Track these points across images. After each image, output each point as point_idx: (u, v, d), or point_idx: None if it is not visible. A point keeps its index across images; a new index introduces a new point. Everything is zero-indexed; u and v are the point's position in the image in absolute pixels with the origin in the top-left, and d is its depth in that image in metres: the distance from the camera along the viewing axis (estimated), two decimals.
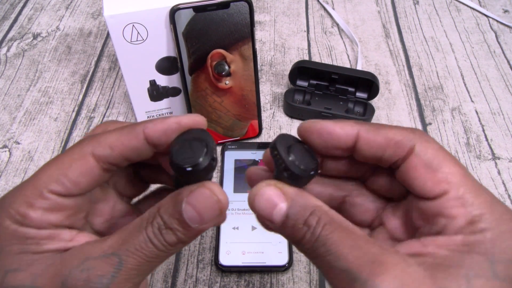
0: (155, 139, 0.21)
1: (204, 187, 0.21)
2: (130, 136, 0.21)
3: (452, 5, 0.72)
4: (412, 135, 0.22)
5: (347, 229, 0.20)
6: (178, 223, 0.20)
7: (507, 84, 0.60)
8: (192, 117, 0.22)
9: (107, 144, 0.21)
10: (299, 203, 0.21)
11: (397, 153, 0.21)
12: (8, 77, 0.60)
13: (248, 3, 0.43)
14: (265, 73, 0.61)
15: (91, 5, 0.72)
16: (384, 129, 0.22)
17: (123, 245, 0.20)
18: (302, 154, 0.22)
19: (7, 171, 0.50)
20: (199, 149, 0.20)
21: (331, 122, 0.22)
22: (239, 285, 0.41)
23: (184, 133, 0.22)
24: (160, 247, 0.20)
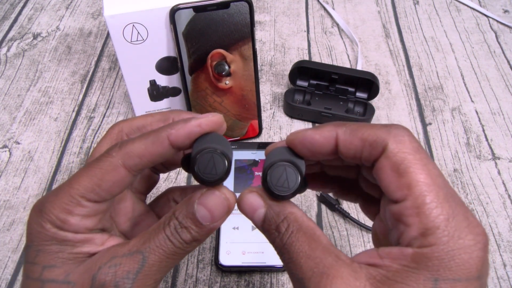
0: (179, 143, 0.23)
1: (213, 188, 0.23)
2: (157, 145, 0.23)
3: (452, 5, 0.72)
4: (386, 135, 0.21)
5: (310, 237, 0.22)
6: (192, 222, 0.23)
7: (507, 84, 0.60)
8: (211, 119, 0.24)
9: (136, 154, 0.23)
10: (274, 210, 0.23)
11: (372, 154, 0.22)
12: (8, 77, 0.60)
13: (248, 3, 0.43)
14: (265, 73, 0.61)
15: (91, 5, 0.72)
16: (361, 129, 0.22)
17: (146, 243, 0.22)
18: (283, 174, 0.23)
19: (7, 171, 0.50)
20: (221, 164, 0.23)
21: (312, 130, 0.23)
22: (239, 285, 0.41)
23: (204, 137, 0.23)
24: (177, 244, 0.23)
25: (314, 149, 0.23)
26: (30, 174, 0.50)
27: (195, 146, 0.23)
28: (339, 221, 0.46)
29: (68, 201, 0.22)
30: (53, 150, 0.52)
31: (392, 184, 0.21)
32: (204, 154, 0.23)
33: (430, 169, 0.21)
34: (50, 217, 0.22)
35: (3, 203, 0.47)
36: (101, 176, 0.22)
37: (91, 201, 0.22)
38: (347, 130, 0.23)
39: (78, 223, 0.22)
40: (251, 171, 0.48)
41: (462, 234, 0.19)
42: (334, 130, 0.23)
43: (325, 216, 0.46)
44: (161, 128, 0.23)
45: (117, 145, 0.23)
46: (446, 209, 0.20)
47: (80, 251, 0.23)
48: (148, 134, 0.23)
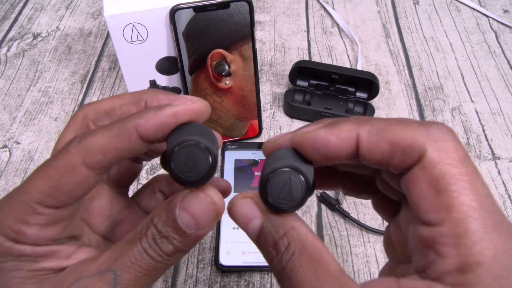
0: (149, 136, 0.19)
1: (197, 190, 0.19)
2: (122, 138, 0.19)
3: (452, 5, 0.72)
4: (425, 138, 0.17)
5: (317, 263, 0.18)
6: (174, 231, 0.19)
7: (507, 84, 0.60)
8: (189, 107, 0.20)
9: (97, 150, 0.19)
10: (272, 222, 0.19)
11: (405, 162, 0.18)
12: (8, 77, 0.60)
13: (248, 3, 0.43)
14: (265, 73, 0.61)
15: (91, 5, 0.72)
16: (391, 129, 0.18)
17: (118, 259, 0.19)
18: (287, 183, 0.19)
19: (7, 171, 0.50)
20: (203, 161, 0.19)
21: (325, 130, 0.19)
22: (239, 285, 0.41)
23: (182, 128, 0.20)
24: (156, 258, 0.19)
25: (328, 154, 0.19)
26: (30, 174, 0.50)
27: (171, 139, 0.19)
28: (339, 221, 0.46)
29: (22, 209, 0.18)
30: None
31: (426, 202, 0.17)
32: (182, 149, 0.19)
33: (478, 187, 0.16)
34: (3, 228, 0.18)
35: None
36: (59, 177, 0.19)
37: (49, 207, 0.19)
38: (373, 130, 0.18)
39: (36, 234, 0.19)
40: (251, 171, 0.48)
41: (507, 273, 0.15)
42: (355, 130, 0.18)
43: (325, 216, 0.46)
44: (128, 118, 0.19)
45: (76, 139, 0.19)
46: (494, 241, 0.16)
47: (42, 267, 0.19)
48: (113, 124, 0.19)
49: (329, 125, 0.19)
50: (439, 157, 0.17)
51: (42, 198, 0.19)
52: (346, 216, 0.45)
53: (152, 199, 0.27)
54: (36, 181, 0.19)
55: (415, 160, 0.17)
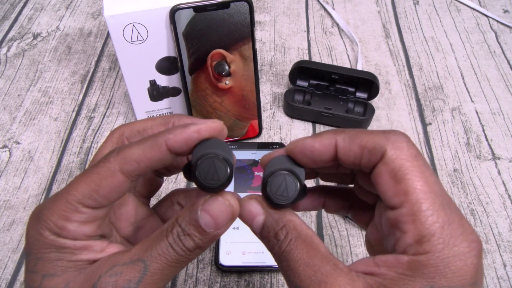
0: (177, 149, 0.23)
1: (217, 195, 0.23)
2: (154, 150, 0.22)
3: (452, 5, 0.72)
4: (385, 141, 0.22)
5: (309, 245, 0.22)
6: (195, 229, 0.22)
7: (507, 84, 0.60)
8: (211, 125, 0.23)
9: (133, 160, 0.22)
10: (273, 217, 0.23)
11: (371, 160, 0.22)
12: (8, 77, 0.60)
13: (248, 3, 0.43)
14: (265, 73, 0.61)
15: (91, 5, 0.72)
16: (360, 136, 0.22)
17: (147, 251, 0.22)
18: (283, 183, 0.23)
19: (7, 171, 0.50)
20: (222, 170, 0.23)
21: (311, 139, 0.24)
22: (239, 285, 0.41)
23: (204, 143, 0.23)
24: (180, 252, 0.22)
25: (314, 157, 0.24)
26: (30, 174, 0.50)
27: (195, 152, 0.23)
28: (339, 221, 0.46)
29: (65, 207, 0.22)
30: (53, 150, 0.52)
31: (389, 190, 0.21)
32: (204, 160, 0.22)
33: (427, 176, 0.21)
34: (48, 224, 0.22)
35: (3, 203, 0.47)
36: (99, 182, 0.22)
37: (88, 207, 0.22)
38: (346, 137, 0.23)
39: (76, 230, 0.22)
40: (251, 171, 0.48)
41: (457, 242, 0.19)
42: (333, 138, 0.23)
43: (325, 216, 0.46)
44: (159, 133, 0.23)
45: (115, 151, 0.23)
46: (441, 216, 0.20)
47: (80, 258, 0.23)
48: (146, 139, 0.23)
49: (314, 135, 0.24)
50: (396, 154, 0.21)
51: (83, 199, 0.22)
52: (346, 216, 0.45)
53: (170, 210, 0.30)
54: (79, 184, 0.22)
55: (378, 158, 0.22)
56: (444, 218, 0.20)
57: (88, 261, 0.23)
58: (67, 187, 0.22)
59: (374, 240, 0.26)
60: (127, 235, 0.28)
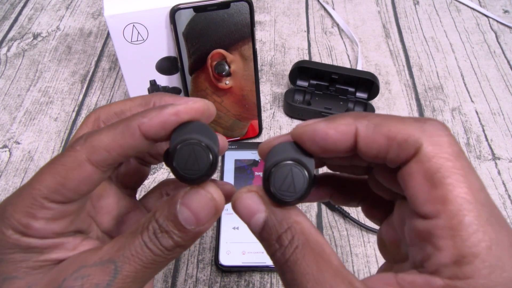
0: (152, 134, 0.20)
1: (198, 187, 0.20)
2: (126, 136, 0.20)
3: (452, 5, 0.72)
4: (420, 133, 0.18)
5: (319, 256, 0.18)
6: (174, 226, 0.20)
7: (507, 84, 0.60)
8: (191, 106, 0.20)
9: (102, 147, 0.20)
10: (277, 216, 0.19)
11: (401, 156, 0.18)
12: (8, 77, 0.60)
13: (248, 3, 0.43)
14: (265, 73, 0.61)
15: (91, 5, 0.72)
16: (388, 124, 0.18)
17: (119, 251, 0.20)
18: (289, 175, 0.19)
19: (7, 171, 0.50)
20: (204, 158, 0.19)
21: (324, 123, 0.19)
22: (239, 285, 0.41)
23: (184, 127, 0.20)
24: (156, 252, 0.20)
25: (327, 146, 0.19)
26: (30, 174, 0.50)
27: (173, 138, 0.20)
28: (339, 221, 0.46)
29: (30, 203, 0.19)
30: (53, 150, 0.52)
31: (422, 195, 0.17)
32: (183, 147, 0.19)
33: (472, 181, 0.17)
34: (12, 222, 0.19)
35: None
36: (65, 174, 0.19)
37: (56, 202, 0.20)
38: (370, 125, 0.19)
39: (43, 228, 0.20)
40: (251, 171, 0.48)
41: (506, 266, 0.16)
42: (353, 124, 0.19)
43: (325, 216, 0.46)
44: (132, 117, 0.20)
45: (83, 137, 0.20)
46: (488, 233, 0.16)
47: (48, 258, 0.20)
48: (117, 123, 0.20)
49: (328, 119, 0.20)
50: (434, 151, 0.17)
51: (49, 194, 0.19)
52: (346, 216, 0.45)
53: (159, 202, 0.28)
54: (44, 177, 0.20)
55: (410, 154, 0.18)
56: (492, 236, 0.16)
57: (58, 260, 0.21)
58: (31, 180, 0.20)
59: (390, 240, 0.22)
60: (109, 230, 0.25)
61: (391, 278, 0.18)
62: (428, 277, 0.17)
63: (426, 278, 0.17)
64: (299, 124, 0.21)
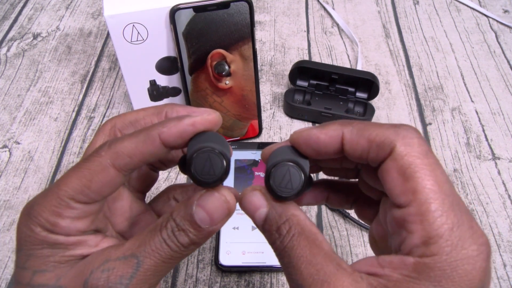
0: (171, 143, 0.22)
1: (213, 190, 0.22)
2: (147, 144, 0.22)
3: (452, 5, 0.72)
4: (394, 136, 0.21)
5: (312, 242, 0.21)
6: (190, 225, 0.22)
7: (507, 84, 0.60)
8: (206, 118, 0.23)
9: (126, 154, 0.22)
10: (277, 210, 0.22)
11: (379, 155, 0.21)
12: (8, 77, 0.60)
13: (248, 3, 0.43)
14: (265, 73, 0.61)
15: (91, 5, 0.72)
16: (369, 129, 0.22)
17: (141, 246, 0.22)
18: (287, 174, 0.23)
19: (7, 171, 0.50)
20: (218, 164, 0.22)
21: (316, 129, 0.23)
22: (239, 285, 0.41)
23: (199, 136, 0.23)
24: (174, 248, 0.22)
25: (319, 149, 0.23)
26: (30, 174, 0.50)
27: (190, 146, 0.22)
28: (339, 221, 0.46)
29: (57, 203, 0.21)
30: (53, 150, 0.52)
31: (397, 187, 0.20)
32: (200, 154, 0.22)
33: (438, 174, 0.20)
34: (40, 220, 0.21)
35: (3, 203, 0.47)
36: (90, 177, 0.21)
37: (80, 202, 0.22)
38: (354, 130, 0.22)
39: (69, 226, 0.22)
40: (251, 171, 0.48)
41: (465, 244, 0.19)
42: (340, 129, 0.22)
43: (325, 216, 0.46)
44: (152, 126, 0.22)
45: (107, 144, 0.22)
46: (451, 217, 0.19)
47: (73, 253, 0.22)
48: (139, 132, 0.22)
49: (320, 126, 0.23)
50: (406, 150, 0.20)
51: (74, 195, 0.21)
52: (346, 216, 0.45)
53: (166, 206, 0.30)
54: (70, 179, 0.22)
55: (387, 154, 0.21)
56: (454, 220, 0.19)
57: (82, 255, 0.23)
58: (58, 182, 0.22)
59: (379, 236, 0.25)
60: (122, 231, 0.27)
61: (373, 260, 0.21)
62: (403, 257, 0.20)
63: (401, 258, 0.20)
64: (296, 130, 0.24)
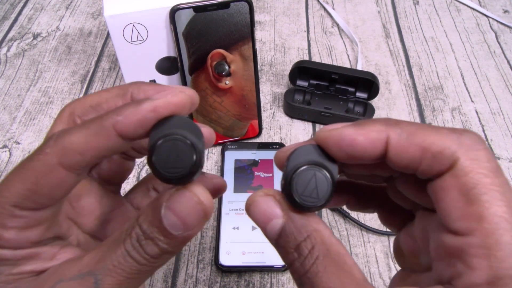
0: (129, 133, 0.18)
1: (184, 188, 0.18)
2: (100, 137, 0.18)
3: (452, 5, 0.72)
4: (456, 146, 0.17)
5: (341, 268, 0.17)
6: (159, 232, 0.18)
7: (507, 84, 0.60)
8: (170, 100, 0.19)
9: (75, 150, 0.18)
10: (296, 223, 0.18)
11: (435, 168, 0.17)
12: (8, 77, 0.60)
13: (248, 3, 0.43)
14: (265, 73, 0.61)
15: (91, 5, 0.72)
16: (422, 134, 0.17)
17: (100, 262, 0.18)
18: (312, 180, 0.18)
19: (7, 171, 0.50)
20: (187, 155, 0.18)
21: (352, 129, 0.18)
22: (239, 285, 0.41)
23: (165, 122, 0.19)
24: (141, 261, 0.18)
25: (354, 153, 0.18)
26: None
27: (153, 134, 0.18)
28: (339, 221, 0.46)
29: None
30: None
31: (456, 210, 0.16)
32: (163, 144, 0.17)
33: (511, 199, 0.16)
34: None
35: None
36: (35, 179, 0.18)
37: (27, 209, 0.18)
38: (403, 133, 0.18)
39: (16, 237, 0.18)
40: (251, 171, 0.48)
41: None
42: (385, 131, 0.18)
43: (325, 216, 0.46)
44: (105, 115, 0.18)
45: (53, 138, 0.18)
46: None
47: (23, 270, 0.19)
48: (90, 122, 0.18)
49: (357, 124, 0.19)
50: (471, 166, 0.16)
51: (19, 201, 0.18)
52: (346, 216, 0.45)
53: (146, 198, 0.26)
54: (13, 184, 0.18)
55: (446, 167, 0.17)
56: None
57: (34, 272, 0.19)
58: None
59: (408, 250, 0.21)
60: (92, 231, 0.23)
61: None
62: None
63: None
64: (325, 127, 0.19)
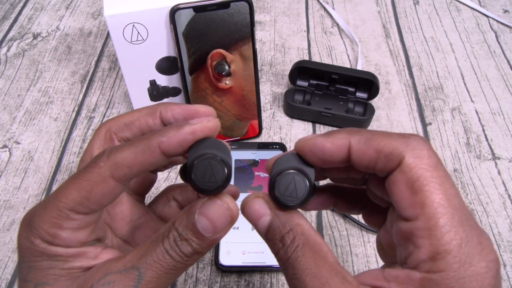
0: (171, 152, 0.22)
1: (215, 197, 0.22)
2: (147, 154, 0.22)
3: (452, 5, 0.72)
4: (404, 147, 0.20)
5: (317, 253, 0.21)
6: (193, 234, 0.21)
7: (507, 84, 0.60)
8: (206, 125, 0.22)
9: (125, 164, 0.21)
10: (280, 219, 0.22)
11: (387, 166, 0.21)
12: (8, 77, 0.60)
13: (248, 3, 0.43)
14: (265, 73, 0.61)
15: (91, 5, 0.72)
16: (377, 139, 0.21)
17: (142, 258, 0.21)
18: (292, 182, 0.22)
19: (7, 171, 0.50)
20: (220, 171, 0.22)
21: (323, 138, 0.22)
22: (239, 285, 0.41)
23: (200, 143, 0.22)
24: (176, 258, 0.21)
25: (324, 158, 0.22)
26: (30, 174, 0.50)
27: (191, 153, 0.22)
28: (339, 221, 0.46)
29: (57, 215, 0.21)
30: (53, 150, 0.52)
31: (404, 200, 0.20)
32: (201, 161, 0.21)
33: (447, 188, 0.19)
34: (40, 232, 0.21)
35: (3, 203, 0.47)
36: (89, 189, 0.21)
37: (80, 213, 0.21)
38: (361, 139, 0.21)
39: (69, 237, 0.21)
40: (251, 171, 0.48)
41: (474, 261, 0.18)
42: (347, 138, 0.22)
43: (325, 216, 0.46)
44: (152, 135, 0.22)
45: (105, 153, 0.22)
46: (459, 233, 0.19)
47: (73, 266, 0.22)
48: (138, 141, 0.22)
49: (327, 134, 0.23)
50: (415, 162, 0.20)
51: (74, 206, 0.21)
52: (346, 216, 0.45)
53: (166, 207, 0.30)
54: (70, 191, 0.21)
55: (395, 165, 0.20)
56: (462, 235, 0.19)
57: (82, 268, 0.22)
58: (57, 193, 0.22)
59: (386, 244, 0.25)
60: (123, 236, 0.27)
61: (379, 273, 0.20)
62: (409, 271, 0.19)
63: (407, 272, 0.19)
64: (301, 138, 0.23)
